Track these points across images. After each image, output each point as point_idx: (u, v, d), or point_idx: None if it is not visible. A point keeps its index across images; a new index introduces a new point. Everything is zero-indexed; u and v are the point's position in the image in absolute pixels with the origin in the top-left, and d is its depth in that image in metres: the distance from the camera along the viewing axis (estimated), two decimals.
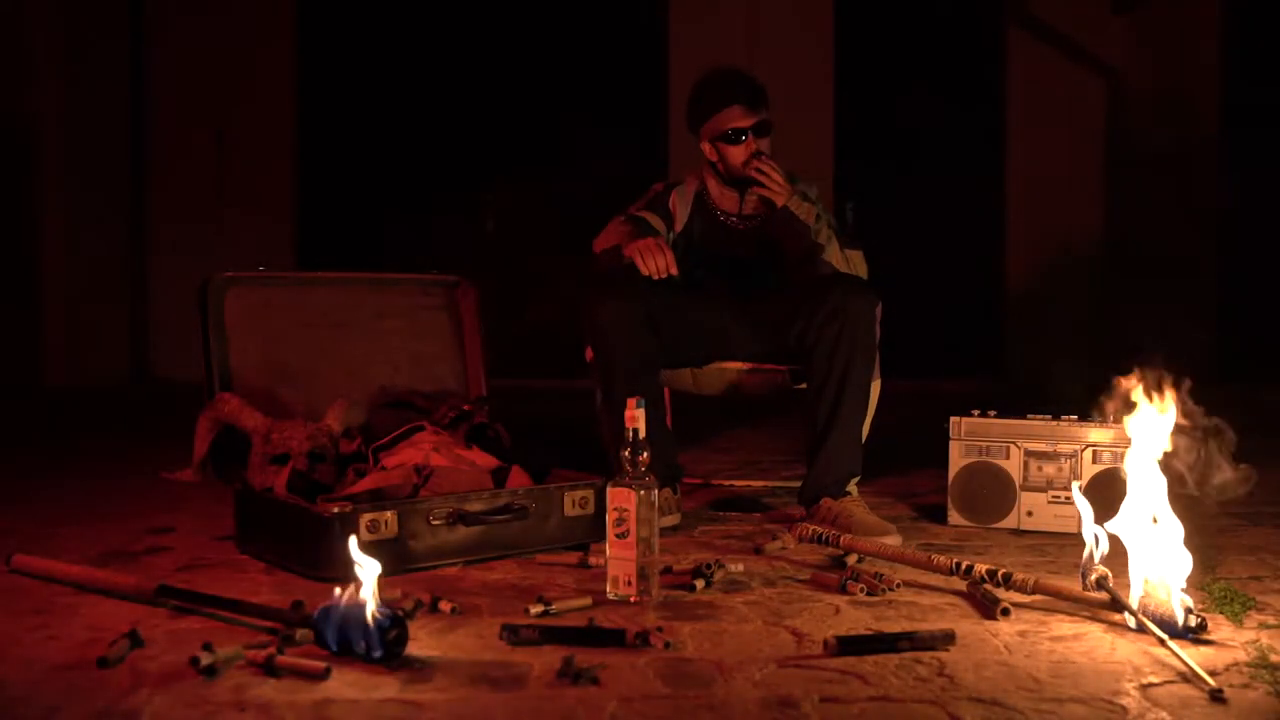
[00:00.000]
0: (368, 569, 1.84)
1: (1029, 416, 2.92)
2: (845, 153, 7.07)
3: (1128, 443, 2.10)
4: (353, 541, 1.93)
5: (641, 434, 2.21)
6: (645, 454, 2.20)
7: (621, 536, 2.16)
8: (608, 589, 2.19)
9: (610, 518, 2.18)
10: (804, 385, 2.98)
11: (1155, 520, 2.00)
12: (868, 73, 7.23)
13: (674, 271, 2.80)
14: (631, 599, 2.16)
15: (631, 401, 2.25)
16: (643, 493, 2.17)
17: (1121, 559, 2.05)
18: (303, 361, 3.19)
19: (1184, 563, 1.96)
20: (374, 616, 1.79)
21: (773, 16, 7.08)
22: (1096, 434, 2.85)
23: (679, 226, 3.13)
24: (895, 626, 2.00)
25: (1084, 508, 2.15)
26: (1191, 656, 1.78)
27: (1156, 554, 1.98)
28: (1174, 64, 6.94)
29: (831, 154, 7.04)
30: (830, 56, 7.16)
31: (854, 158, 7.09)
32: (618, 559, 2.18)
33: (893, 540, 2.67)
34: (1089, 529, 2.12)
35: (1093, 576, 2.09)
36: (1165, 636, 1.86)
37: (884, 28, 7.29)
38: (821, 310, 2.85)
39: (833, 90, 7.13)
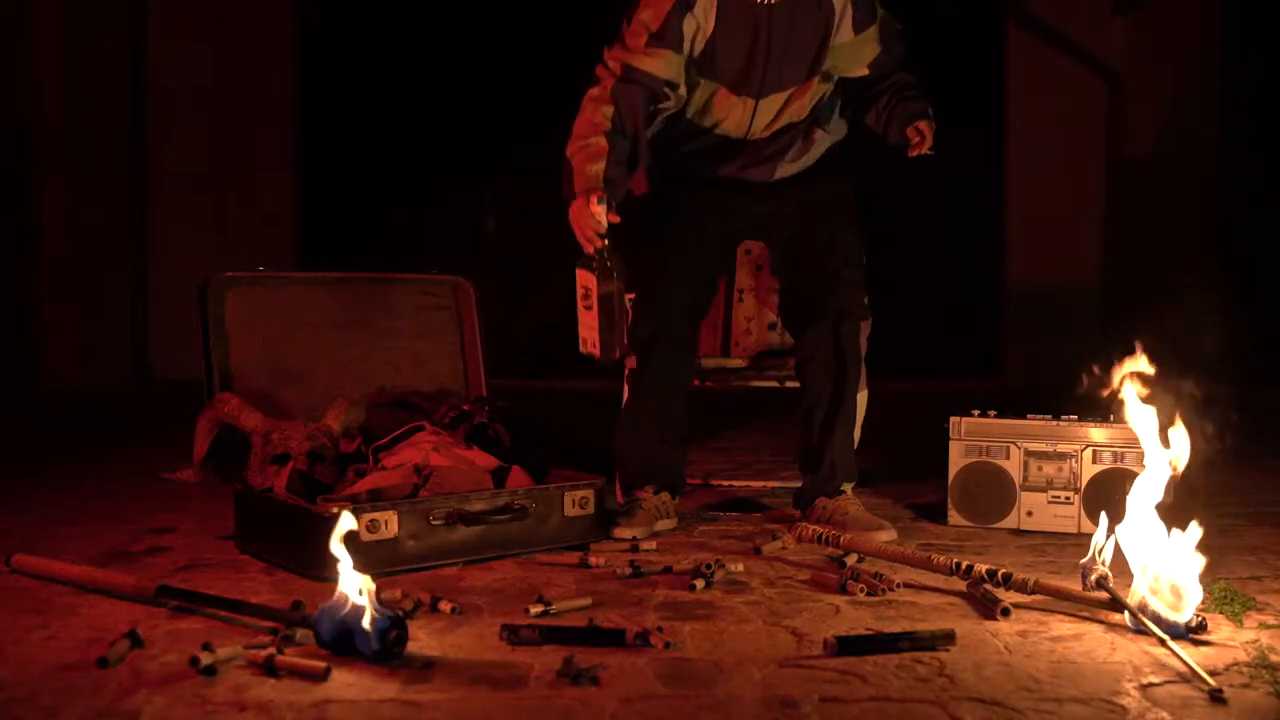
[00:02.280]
0: (345, 567, 1.83)
1: (1029, 416, 2.92)
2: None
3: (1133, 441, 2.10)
4: (334, 539, 1.88)
5: (603, 227, 2.61)
6: (609, 252, 2.62)
7: (588, 308, 2.63)
8: (578, 347, 2.68)
9: (578, 293, 2.63)
10: (797, 384, 3.00)
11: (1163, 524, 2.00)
12: None
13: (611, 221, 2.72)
14: (595, 355, 2.64)
15: (594, 197, 2.63)
16: (600, 275, 2.60)
17: (1123, 559, 2.05)
18: (303, 361, 3.19)
19: (1190, 564, 1.96)
20: (373, 617, 1.79)
21: None
22: (1096, 434, 2.85)
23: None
24: (895, 626, 2.00)
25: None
26: (1191, 656, 1.78)
27: (1160, 555, 1.98)
28: (1174, 64, 6.93)
29: None
30: None
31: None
32: (585, 325, 2.65)
33: (887, 536, 2.69)
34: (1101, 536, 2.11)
35: (1093, 576, 2.09)
36: (1165, 636, 1.86)
37: None
38: (814, 329, 2.91)
39: None
